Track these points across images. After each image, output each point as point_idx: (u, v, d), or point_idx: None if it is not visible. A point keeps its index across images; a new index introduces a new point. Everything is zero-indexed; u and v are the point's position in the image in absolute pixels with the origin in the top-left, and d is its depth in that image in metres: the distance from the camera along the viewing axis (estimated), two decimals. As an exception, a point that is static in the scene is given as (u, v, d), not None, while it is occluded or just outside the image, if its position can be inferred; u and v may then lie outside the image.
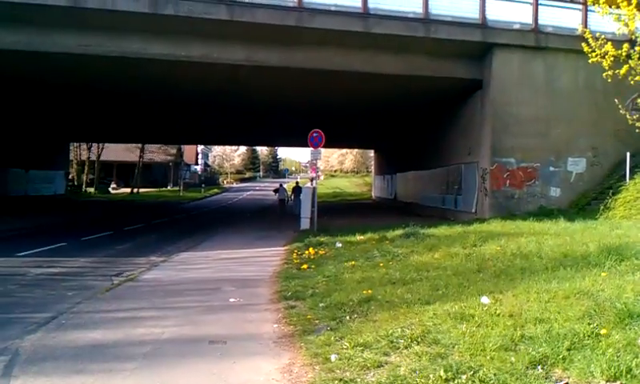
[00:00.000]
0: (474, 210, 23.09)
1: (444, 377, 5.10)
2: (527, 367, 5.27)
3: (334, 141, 49.56)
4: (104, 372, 5.95)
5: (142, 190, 60.61)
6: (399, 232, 16.35)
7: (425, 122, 31.33)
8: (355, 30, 19.82)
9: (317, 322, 7.63)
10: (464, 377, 5.09)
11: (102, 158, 61.35)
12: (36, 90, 25.83)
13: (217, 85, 23.98)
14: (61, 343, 7.05)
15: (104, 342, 7.09)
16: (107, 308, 9.07)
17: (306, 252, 14.55)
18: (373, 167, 62.03)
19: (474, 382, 5.00)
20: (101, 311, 8.83)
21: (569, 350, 5.57)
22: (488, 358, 5.53)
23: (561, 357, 5.43)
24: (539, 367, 5.29)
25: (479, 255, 11.53)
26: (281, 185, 37.55)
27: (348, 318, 7.62)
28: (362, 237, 16.75)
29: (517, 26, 21.84)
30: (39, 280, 12.06)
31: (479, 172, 22.67)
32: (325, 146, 24.56)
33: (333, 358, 6.01)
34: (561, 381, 5.04)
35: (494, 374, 5.09)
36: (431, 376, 5.15)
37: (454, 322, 6.68)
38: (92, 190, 59.03)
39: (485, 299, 7.58)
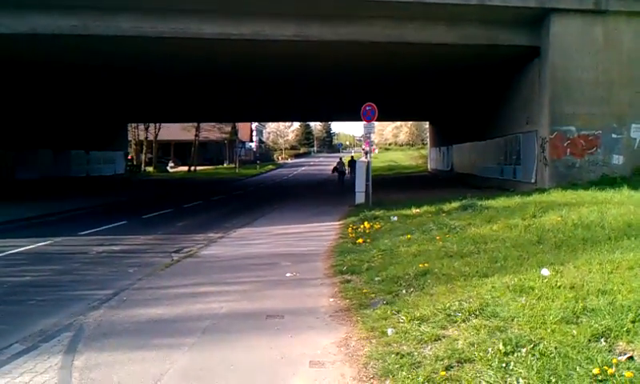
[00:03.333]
0: (533, 180, 22.56)
1: (503, 350, 4.98)
2: (589, 340, 5.09)
3: (388, 114, 49.04)
4: (164, 347, 6.09)
5: (198, 167, 61.60)
6: (456, 204, 16.11)
7: (481, 92, 30.68)
8: (407, 0, 19.46)
9: (373, 295, 7.61)
10: (524, 350, 4.97)
11: (159, 138, 62.59)
12: (93, 74, 26.44)
13: (269, 62, 23.98)
14: (123, 319, 7.25)
15: (164, 318, 7.27)
16: (167, 284, 9.29)
17: (361, 226, 14.50)
18: (428, 139, 61.28)
19: (534, 355, 4.86)
20: (161, 287, 9.05)
21: (633, 322, 5.35)
22: (549, 330, 5.37)
23: (625, 329, 5.22)
24: (602, 340, 5.10)
25: (539, 226, 11.22)
26: (340, 159, 38.52)
27: (404, 291, 7.57)
28: (417, 210, 16.58)
29: (575, -10, 21.08)
30: (101, 258, 12.44)
31: (538, 141, 22.09)
32: (378, 119, 24.37)
33: (389, 331, 5.98)
34: (625, 354, 4.87)
35: (555, 348, 4.95)
36: (490, 349, 5.06)
37: (512, 295, 6.52)
38: (151, 169, 60.34)
39: (545, 271, 7.38)
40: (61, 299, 8.60)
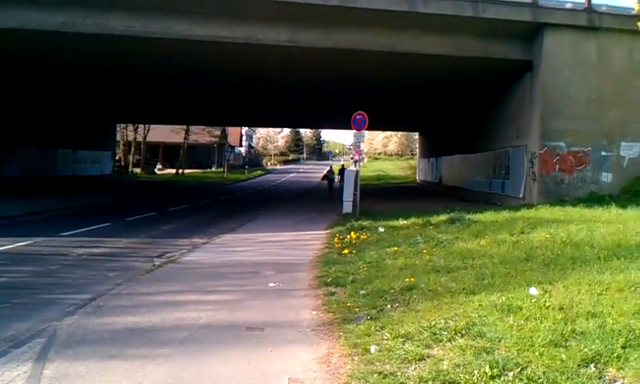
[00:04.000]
0: (521, 195, 22.50)
1: (489, 373, 4.80)
2: (579, 365, 4.93)
3: (378, 123, 48.91)
4: (139, 357, 5.84)
5: (186, 171, 61.28)
6: (444, 217, 15.96)
7: (471, 105, 30.68)
8: (401, 9, 19.37)
9: (357, 310, 7.40)
10: (510, 374, 4.79)
11: (148, 139, 62.24)
12: (82, 73, 26.12)
13: (262, 67, 23.80)
14: (98, 326, 6.99)
15: (141, 326, 7.02)
16: (146, 290, 9.04)
17: (348, 236, 14.29)
18: (417, 150, 61.34)
19: (521, 380, 4.69)
20: (140, 294, 8.80)
21: (624, 347, 5.21)
22: (537, 354, 5.20)
23: (615, 355, 5.08)
24: (592, 366, 4.95)
25: (527, 243, 11.12)
26: (330, 167, 39.77)
27: (389, 306, 7.37)
28: (405, 221, 16.44)
29: (569, 5, 21.14)
30: (81, 260, 12.16)
31: (528, 156, 22.04)
32: (369, 129, 24.27)
33: (373, 349, 5.78)
34: (615, 381, 4.72)
35: (543, 372, 4.78)
36: (476, 372, 4.87)
37: (500, 314, 6.35)
38: (138, 170, 59.88)
39: (533, 290, 7.23)
40: (36, 303, 8.33)
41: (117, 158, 54.33)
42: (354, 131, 21.01)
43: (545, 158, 21.14)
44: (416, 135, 63.69)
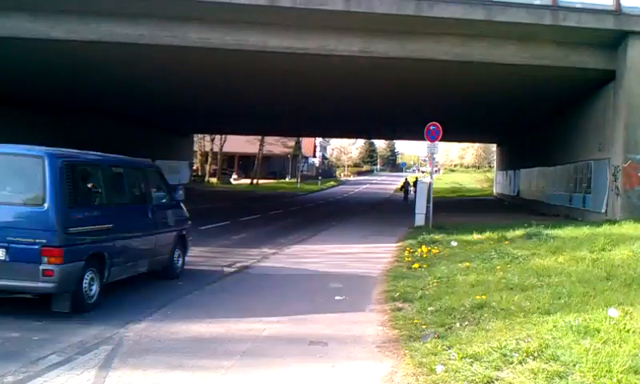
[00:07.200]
0: (603, 211, 21.50)
1: (562, 400, 4.52)
2: (661, 396, 4.58)
3: (454, 134, 47.96)
4: (200, 369, 5.81)
5: (261, 181, 62.15)
6: (520, 232, 15.45)
7: (551, 115, 29.71)
8: (476, 18, 18.88)
9: (424, 327, 7.18)
10: (585, 402, 4.49)
11: (224, 150, 63.45)
12: (158, 84, 26.85)
13: (333, 77, 23.81)
14: (163, 335, 7.02)
15: (205, 336, 7.03)
16: (213, 300, 9.12)
17: (419, 250, 14.05)
18: (495, 162, 60.06)
19: (597, 409, 4.38)
20: (207, 303, 8.87)
21: None
22: (614, 380, 4.85)
23: (702, 386, 4.68)
24: (676, 397, 4.57)
25: (608, 261, 10.54)
26: (406, 179, 42.35)
27: (458, 325, 7.10)
28: (479, 236, 15.99)
29: (657, 12, 20.06)
30: (153, 268, 12.35)
31: (610, 169, 21.04)
32: (443, 140, 23.92)
33: (438, 369, 5.54)
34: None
35: (621, 402, 4.46)
36: (547, 399, 4.59)
37: (575, 337, 5.97)
38: (214, 180, 61.13)
39: (613, 311, 6.78)
40: (106, 309, 8.48)
41: (194, 168, 55.62)
42: (428, 142, 20.67)
43: (628, 172, 20.10)
44: (493, 147, 62.33)
